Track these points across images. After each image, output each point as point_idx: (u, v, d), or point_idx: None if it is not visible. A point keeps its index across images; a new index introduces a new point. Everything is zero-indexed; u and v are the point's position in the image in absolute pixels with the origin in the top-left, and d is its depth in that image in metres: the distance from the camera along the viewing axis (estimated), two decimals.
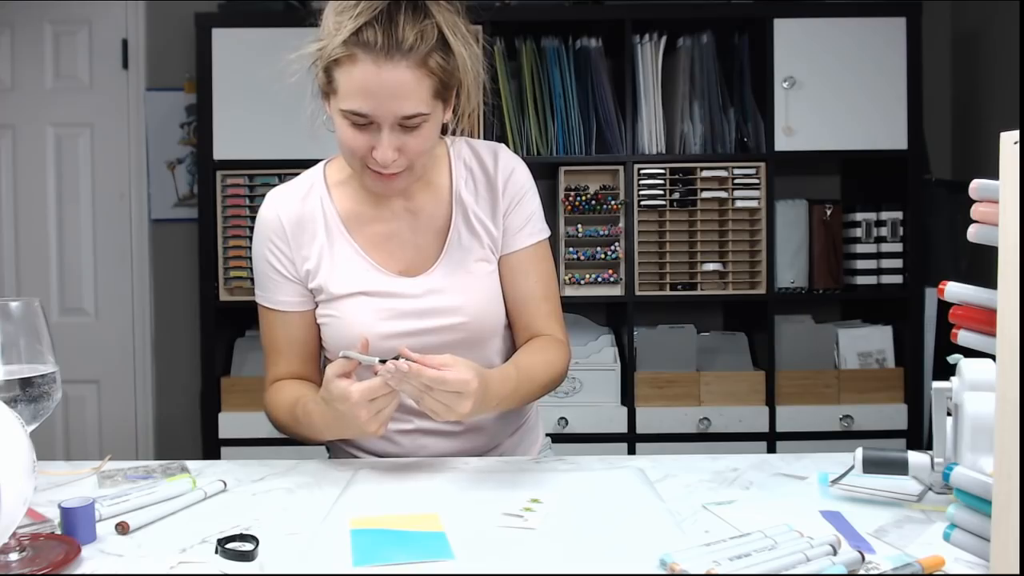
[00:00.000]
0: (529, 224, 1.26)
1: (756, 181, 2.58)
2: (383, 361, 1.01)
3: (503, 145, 1.29)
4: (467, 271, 1.22)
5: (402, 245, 1.24)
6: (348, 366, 1.06)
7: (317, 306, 1.24)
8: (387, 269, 1.22)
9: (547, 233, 1.29)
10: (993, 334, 0.64)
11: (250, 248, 2.51)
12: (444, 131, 1.20)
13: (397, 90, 1.05)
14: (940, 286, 0.77)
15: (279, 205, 1.24)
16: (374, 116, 1.07)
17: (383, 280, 1.21)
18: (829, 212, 2.66)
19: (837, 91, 2.57)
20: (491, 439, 1.28)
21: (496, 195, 1.24)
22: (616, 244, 2.58)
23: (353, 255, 1.22)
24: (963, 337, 0.76)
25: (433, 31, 1.06)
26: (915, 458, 0.94)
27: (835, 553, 0.76)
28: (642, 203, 2.58)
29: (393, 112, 1.07)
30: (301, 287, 1.24)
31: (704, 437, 2.57)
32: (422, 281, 1.21)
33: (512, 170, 1.25)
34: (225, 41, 2.56)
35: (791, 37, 2.57)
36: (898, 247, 2.63)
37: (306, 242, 1.23)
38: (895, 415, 2.59)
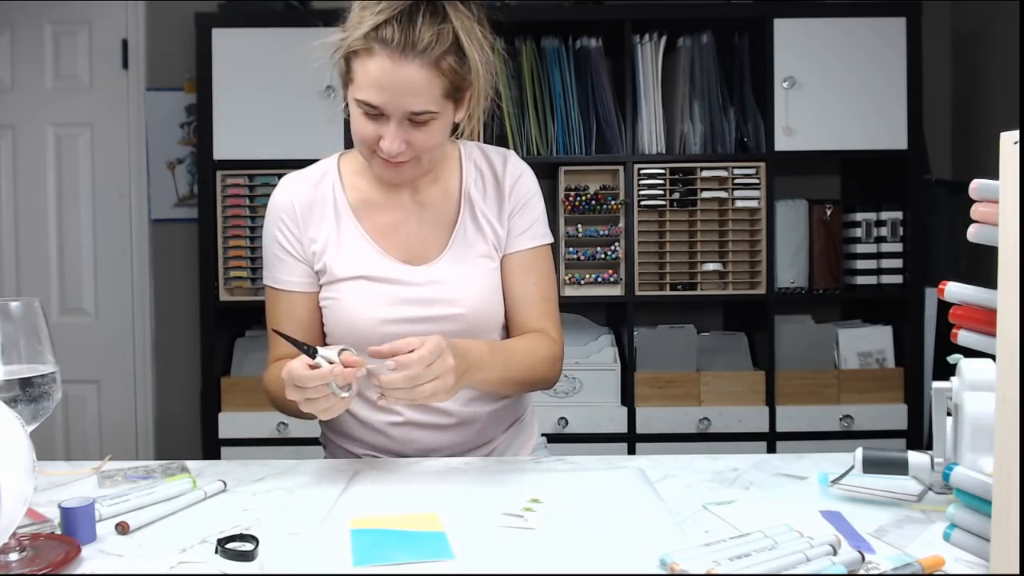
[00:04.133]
0: (532, 228, 1.30)
1: (756, 181, 2.58)
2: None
3: (512, 151, 1.34)
4: (470, 265, 1.26)
5: (408, 234, 1.27)
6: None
7: (321, 289, 1.27)
8: (392, 256, 1.25)
9: (549, 240, 1.32)
10: (993, 334, 0.64)
11: (250, 248, 2.55)
12: (455, 130, 1.24)
13: (408, 87, 1.11)
14: (940, 286, 0.77)
15: (291, 188, 1.29)
16: (385, 109, 1.12)
17: (386, 266, 1.25)
18: (829, 212, 2.66)
19: (837, 91, 2.57)
20: (482, 434, 1.29)
21: (503, 196, 1.29)
22: (616, 244, 2.58)
23: (359, 239, 1.26)
24: (963, 337, 0.76)
25: (449, 34, 1.12)
26: (915, 458, 0.94)
27: (835, 553, 0.76)
28: (642, 203, 2.58)
29: (403, 107, 1.12)
30: (307, 267, 1.27)
31: (704, 437, 2.57)
32: (425, 270, 1.25)
33: (520, 174, 1.31)
34: (225, 41, 2.56)
35: (791, 37, 2.57)
36: (898, 247, 2.63)
37: (314, 223, 1.27)
38: (895, 415, 2.59)
